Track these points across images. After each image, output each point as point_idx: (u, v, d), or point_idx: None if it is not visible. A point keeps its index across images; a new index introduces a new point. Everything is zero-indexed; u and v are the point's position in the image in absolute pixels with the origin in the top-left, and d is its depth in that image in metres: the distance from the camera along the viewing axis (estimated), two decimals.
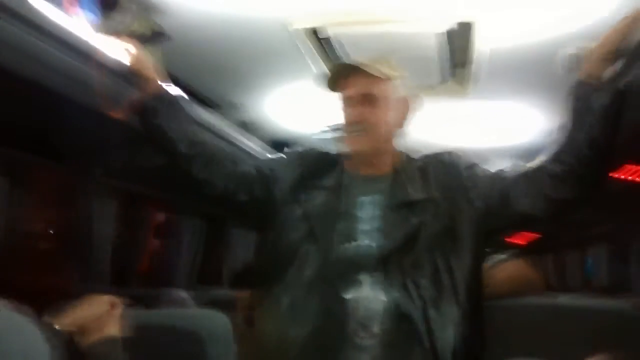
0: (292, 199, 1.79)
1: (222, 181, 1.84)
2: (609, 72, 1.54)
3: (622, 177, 2.01)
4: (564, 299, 3.26)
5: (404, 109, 1.82)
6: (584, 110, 1.53)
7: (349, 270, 1.66)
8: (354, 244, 1.69)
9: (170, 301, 2.51)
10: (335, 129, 3.58)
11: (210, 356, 2.02)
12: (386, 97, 1.76)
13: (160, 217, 3.95)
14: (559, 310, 3.02)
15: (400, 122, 1.82)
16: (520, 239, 5.28)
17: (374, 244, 1.68)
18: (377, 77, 1.75)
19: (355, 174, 1.80)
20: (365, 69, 1.74)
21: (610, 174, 1.95)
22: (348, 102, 1.77)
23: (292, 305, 1.68)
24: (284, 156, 1.94)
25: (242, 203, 1.86)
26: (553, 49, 2.35)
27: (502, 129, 3.74)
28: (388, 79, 1.77)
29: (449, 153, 1.82)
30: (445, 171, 1.77)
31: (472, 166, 1.77)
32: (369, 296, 1.63)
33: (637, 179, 2.06)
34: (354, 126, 1.75)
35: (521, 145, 4.00)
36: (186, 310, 2.45)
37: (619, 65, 1.54)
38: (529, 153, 3.93)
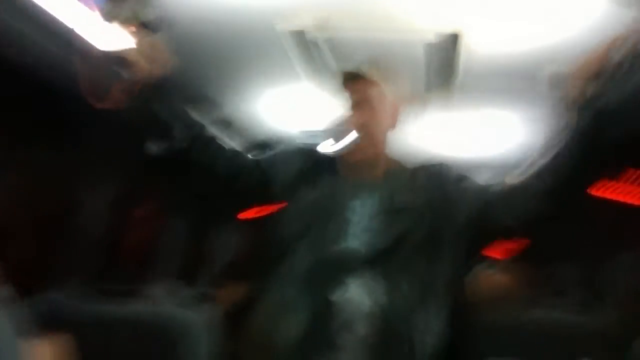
0: (289, 195, 1.81)
1: (223, 166, 1.83)
2: (589, 91, 1.56)
3: (598, 193, 2.04)
4: (540, 312, 3.29)
5: (395, 111, 1.84)
6: (566, 128, 1.55)
7: (336, 271, 1.67)
8: (342, 245, 1.70)
9: (152, 296, 2.50)
10: (323, 133, 3.59)
11: (182, 353, 2.03)
12: (378, 100, 1.79)
13: (144, 209, 3.93)
14: (534, 323, 3.05)
15: (392, 124, 1.84)
16: (498, 252, 5.30)
17: (361, 247, 1.69)
18: (367, 80, 1.78)
19: (348, 178, 1.82)
20: (357, 72, 1.78)
21: (588, 190, 1.97)
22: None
23: (282, 302, 1.69)
24: (282, 152, 1.94)
25: (240, 191, 1.87)
26: (539, 60, 2.39)
27: (486, 138, 3.77)
28: (378, 82, 1.79)
29: (440, 164, 1.84)
30: (434, 181, 1.79)
31: (461, 178, 1.79)
32: (355, 299, 1.64)
33: (610, 195, 2.09)
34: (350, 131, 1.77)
35: (504, 156, 4.03)
36: (162, 306, 2.44)
37: (598, 85, 1.55)
38: (511, 164, 3.96)
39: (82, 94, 1.62)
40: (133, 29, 1.77)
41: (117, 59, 1.77)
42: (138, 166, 2.71)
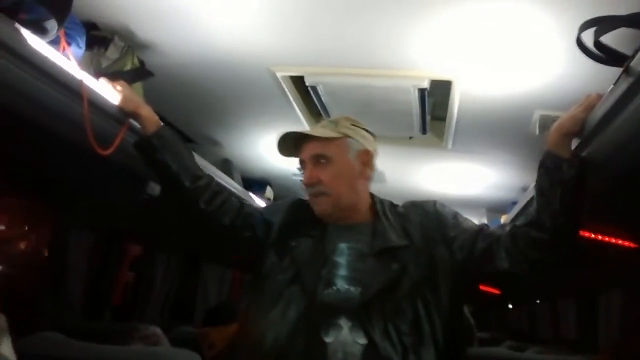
0: (282, 244, 1.85)
1: (229, 216, 1.90)
2: (573, 144, 1.61)
3: (589, 235, 2.09)
4: (531, 353, 3.31)
5: (364, 160, 1.85)
6: (555, 180, 1.60)
7: (330, 314, 1.69)
8: (334, 288, 1.73)
9: (143, 337, 2.49)
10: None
11: None
12: (339, 155, 1.81)
13: (135, 251, 3.93)
14: None
15: (363, 173, 1.85)
16: (494, 288, 5.32)
17: (355, 289, 1.72)
18: (318, 138, 1.81)
19: (336, 224, 1.85)
20: (311, 133, 1.83)
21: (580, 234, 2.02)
22: (303, 165, 1.85)
23: (275, 343, 1.70)
24: (277, 204, 2.02)
25: (245, 239, 1.92)
26: (529, 107, 2.46)
27: (475, 181, 3.83)
28: (339, 138, 1.82)
29: (434, 202, 1.86)
30: (428, 220, 1.81)
31: (455, 217, 1.82)
32: (348, 340, 1.66)
33: (599, 237, 2.15)
34: (310, 188, 1.82)
35: (493, 198, 4.09)
36: (158, 348, 2.44)
37: (581, 138, 1.61)
38: (501, 206, 4.03)
39: (86, 142, 1.66)
40: (119, 83, 1.83)
41: (125, 111, 1.83)
42: (132, 210, 2.73)
